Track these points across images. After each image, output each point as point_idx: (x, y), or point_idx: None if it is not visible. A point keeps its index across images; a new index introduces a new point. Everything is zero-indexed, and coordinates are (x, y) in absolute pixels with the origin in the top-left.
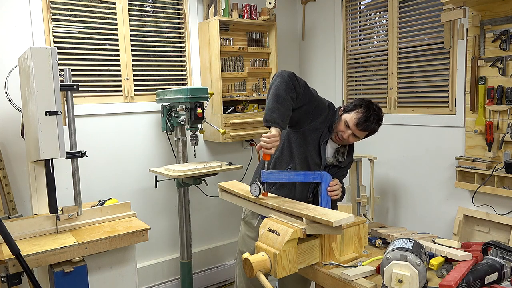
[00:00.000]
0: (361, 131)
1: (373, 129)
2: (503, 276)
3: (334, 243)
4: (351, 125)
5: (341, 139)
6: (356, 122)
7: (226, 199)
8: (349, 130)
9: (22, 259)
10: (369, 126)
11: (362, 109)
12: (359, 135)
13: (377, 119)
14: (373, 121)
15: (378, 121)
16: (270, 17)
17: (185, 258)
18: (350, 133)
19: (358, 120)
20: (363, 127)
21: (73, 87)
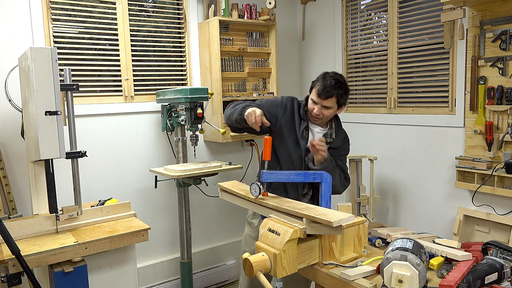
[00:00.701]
0: (326, 100)
1: (339, 94)
2: (503, 276)
3: (334, 243)
4: (315, 99)
5: (316, 116)
6: (317, 93)
7: (226, 199)
8: (317, 104)
9: (22, 259)
10: (329, 91)
11: (318, 82)
12: (328, 104)
13: (335, 83)
14: (331, 86)
15: (339, 85)
16: (270, 17)
17: (185, 258)
18: (319, 107)
19: (317, 91)
20: (325, 95)
21: (73, 87)
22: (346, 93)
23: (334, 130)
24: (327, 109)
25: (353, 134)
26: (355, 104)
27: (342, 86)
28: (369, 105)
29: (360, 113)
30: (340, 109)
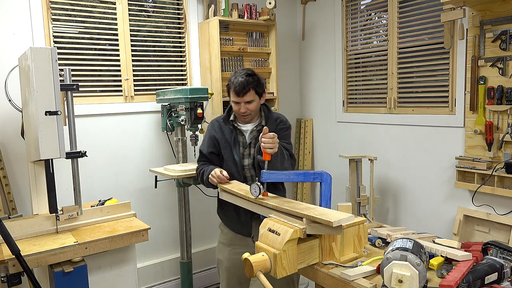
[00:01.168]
0: (245, 95)
1: (254, 85)
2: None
3: (334, 243)
4: (236, 99)
5: (244, 114)
6: (236, 93)
7: (226, 199)
8: (240, 103)
9: (22, 259)
10: (245, 86)
11: (232, 83)
12: (249, 98)
13: (246, 77)
14: (244, 81)
15: (250, 78)
16: (270, 17)
17: (185, 258)
18: (242, 105)
19: (235, 91)
20: (242, 92)
21: (73, 87)
22: (260, 82)
23: (264, 118)
24: (250, 104)
25: (353, 134)
26: (355, 104)
27: (254, 77)
28: (369, 105)
29: (360, 113)
30: (262, 98)
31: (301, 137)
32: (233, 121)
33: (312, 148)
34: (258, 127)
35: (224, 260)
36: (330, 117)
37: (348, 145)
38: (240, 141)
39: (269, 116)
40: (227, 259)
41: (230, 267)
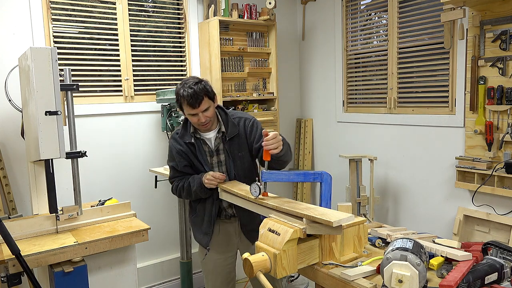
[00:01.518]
0: (200, 103)
1: (205, 92)
2: (503, 276)
3: (334, 243)
4: (192, 111)
5: (204, 122)
6: (190, 105)
7: (226, 199)
8: (197, 115)
9: (22, 259)
10: (198, 96)
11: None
12: (204, 106)
13: (194, 85)
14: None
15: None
16: (270, 17)
17: (185, 258)
18: (200, 115)
19: (189, 104)
20: (197, 102)
21: (73, 87)
22: (208, 86)
23: (222, 122)
24: (207, 111)
25: (353, 134)
26: (355, 104)
27: (202, 84)
28: (369, 105)
29: (360, 113)
30: (215, 101)
31: (301, 137)
32: (194, 132)
33: (312, 148)
34: (220, 134)
35: (207, 262)
36: (330, 117)
37: (348, 145)
38: (206, 151)
39: (228, 120)
40: (210, 260)
41: (214, 269)
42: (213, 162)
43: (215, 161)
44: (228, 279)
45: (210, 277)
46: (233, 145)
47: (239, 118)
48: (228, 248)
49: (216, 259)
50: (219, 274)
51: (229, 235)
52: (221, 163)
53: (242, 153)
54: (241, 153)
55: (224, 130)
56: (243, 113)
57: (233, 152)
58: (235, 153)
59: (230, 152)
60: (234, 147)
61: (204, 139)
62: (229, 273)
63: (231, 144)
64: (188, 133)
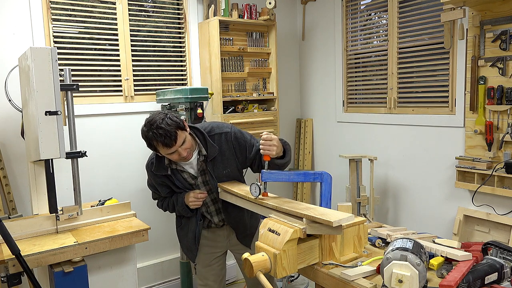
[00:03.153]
0: (176, 142)
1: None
2: (503, 276)
3: (334, 243)
4: (168, 151)
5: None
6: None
7: (226, 199)
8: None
9: (22, 259)
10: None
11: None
12: (180, 140)
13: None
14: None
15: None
16: (270, 17)
17: (185, 258)
18: (179, 151)
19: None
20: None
21: (73, 87)
22: (174, 118)
23: (202, 144)
24: (185, 143)
25: (353, 134)
26: (355, 104)
27: (168, 118)
28: (369, 105)
29: (360, 113)
30: (186, 129)
31: (301, 137)
32: (170, 164)
33: (312, 148)
34: (201, 157)
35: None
36: (330, 117)
37: (348, 145)
38: (185, 177)
39: (206, 140)
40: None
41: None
42: (198, 183)
43: (199, 181)
44: (220, 277)
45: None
46: (216, 164)
47: (218, 135)
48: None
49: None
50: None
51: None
52: (207, 182)
53: (227, 170)
54: (226, 170)
55: (205, 153)
56: (219, 125)
57: (217, 171)
58: (220, 171)
59: (214, 173)
60: (218, 167)
61: (181, 169)
62: (220, 270)
63: (214, 164)
64: (163, 165)
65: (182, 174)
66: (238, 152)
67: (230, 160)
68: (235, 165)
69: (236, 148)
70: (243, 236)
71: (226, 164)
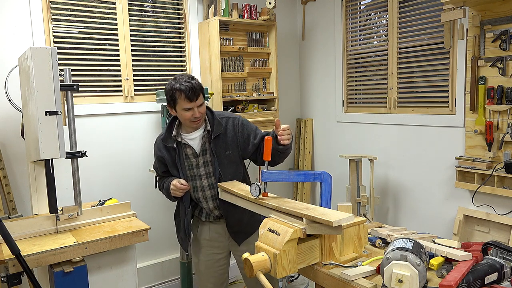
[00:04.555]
0: (197, 97)
1: (197, 85)
2: (503, 276)
3: (334, 243)
4: (188, 105)
5: (197, 118)
6: (188, 99)
7: (226, 199)
8: (192, 109)
9: (22, 259)
10: (195, 90)
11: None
12: (200, 102)
13: (186, 79)
14: (193, 85)
15: (195, 81)
16: (270, 17)
17: (185, 258)
18: (196, 109)
19: (187, 97)
20: (195, 95)
21: (73, 87)
22: (199, 82)
23: (209, 121)
24: (201, 107)
25: (353, 134)
26: (355, 104)
27: (197, 81)
28: (369, 105)
29: (360, 113)
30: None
31: (301, 137)
32: (176, 136)
33: (312, 148)
34: (205, 133)
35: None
36: (330, 117)
37: (348, 145)
38: (188, 154)
39: (214, 119)
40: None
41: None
42: (199, 163)
43: (200, 161)
44: (221, 281)
45: (202, 278)
46: (219, 144)
47: (227, 118)
48: (219, 250)
49: (207, 261)
50: (211, 276)
51: (218, 236)
52: (207, 163)
53: (229, 152)
54: (227, 152)
55: (209, 128)
56: (230, 113)
57: (218, 151)
58: (221, 152)
59: (215, 151)
60: (220, 146)
61: (186, 143)
62: (221, 274)
63: (216, 143)
64: (170, 136)
65: (186, 150)
66: (240, 138)
67: (233, 144)
68: (236, 150)
69: (240, 133)
70: (235, 230)
71: (228, 146)
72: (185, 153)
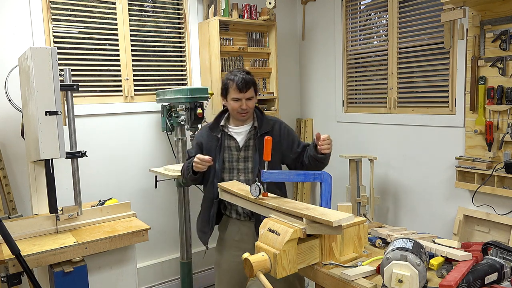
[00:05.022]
0: (247, 89)
1: (253, 82)
2: (503, 276)
3: (334, 243)
4: (237, 95)
5: (244, 111)
6: (238, 89)
7: (226, 199)
8: (240, 100)
9: (22, 259)
10: (247, 83)
11: (231, 81)
12: (249, 95)
13: (246, 74)
14: (246, 78)
15: (250, 75)
16: (270, 17)
17: (185, 258)
18: (244, 101)
19: (238, 87)
20: (245, 87)
21: (73, 87)
22: (256, 81)
23: (257, 118)
24: (250, 100)
25: (353, 134)
26: (355, 104)
27: (251, 76)
28: (369, 105)
29: (360, 113)
30: (256, 96)
31: (301, 137)
32: (223, 126)
33: None
34: (251, 129)
35: (222, 262)
36: (330, 117)
37: (348, 145)
38: (231, 146)
39: (263, 118)
40: (225, 260)
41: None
42: (240, 157)
43: (241, 156)
44: (241, 279)
45: (222, 276)
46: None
47: (274, 121)
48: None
49: (232, 261)
50: (232, 276)
51: (247, 238)
52: (247, 159)
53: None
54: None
55: (257, 125)
56: (277, 118)
57: (261, 148)
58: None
59: (259, 148)
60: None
61: (231, 135)
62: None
63: (261, 141)
64: (217, 126)
65: (229, 142)
66: (285, 143)
67: (276, 146)
68: (278, 153)
69: (284, 138)
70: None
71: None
72: (227, 144)
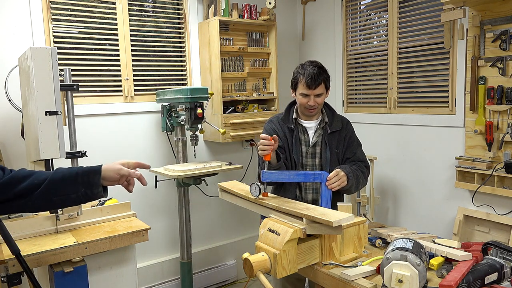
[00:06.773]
0: (316, 86)
1: (325, 79)
2: (503, 276)
3: (334, 243)
4: (306, 91)
5: (312, 107)
6: (307, 85)
7: (226, 199)
8: (309, 96)
9: (22, 259)
10: (317, 79)
11: (301, 75)
12: (319, 91)
13: (318, 69)
14: (317, 73)
15: (322, 70)
16: (270, 17)
17: (185, 258)
18: (312, 97)
19: (306, 83)
20: (315, 84)
21: (73, 87)
22: (329, 76)
23: (327, 115)
24: (319, 97)
25: None
26: (355, 104)
27: (324, 71)
28: (369, 105)
29: (360, 113)
30: (327, 93)
31: None
32: (296, 118)
33: None
34: (322, 124)
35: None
36: None
37: None
38: (302, 139)
39: (333, 115)
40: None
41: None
42: (308, 152)
43: (310, 152)
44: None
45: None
46: (333, 139)
47: (343, 118)
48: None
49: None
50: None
51: None
52: (315, 155)
53: (338, 150)
54: (338, 150)
55: (327, 121)
56: (344, 116)
57: (331, 145)
58: (333, 147)
59: (329, 145)
60: (333, 141)
61: (304, 127)
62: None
63: (330, 138)
64: (290, 118)
65: (301, 135)
66: (346, 143)
67: (342, 142)
68: (342, 150)
69: (348, 138)
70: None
71: (339, 144)
72: (299, 138)
